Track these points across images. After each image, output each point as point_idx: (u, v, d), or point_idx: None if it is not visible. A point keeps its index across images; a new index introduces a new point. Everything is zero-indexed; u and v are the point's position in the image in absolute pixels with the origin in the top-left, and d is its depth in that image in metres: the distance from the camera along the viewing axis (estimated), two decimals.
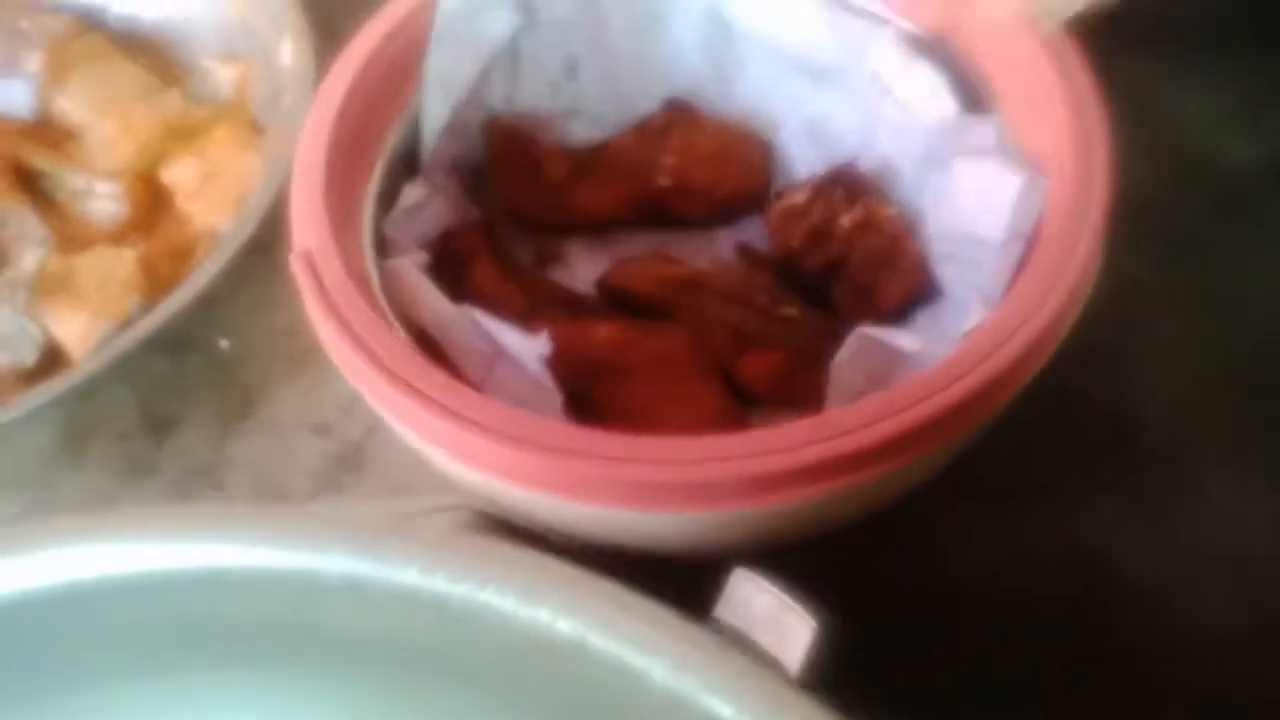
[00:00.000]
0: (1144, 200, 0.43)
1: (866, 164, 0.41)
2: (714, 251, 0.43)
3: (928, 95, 0.37)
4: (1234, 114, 0.48)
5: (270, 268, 0.38)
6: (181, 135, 0.52)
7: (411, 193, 0.38)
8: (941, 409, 0.27)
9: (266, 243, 0.41)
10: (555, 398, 0.31)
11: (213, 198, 0.51)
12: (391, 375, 0.29)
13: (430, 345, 0.32)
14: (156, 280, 0.48)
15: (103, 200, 0.51)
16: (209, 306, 0.45)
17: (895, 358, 0.32)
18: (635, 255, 0.42)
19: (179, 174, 0.52)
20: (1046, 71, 0.34)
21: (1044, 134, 0.34)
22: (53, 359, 0.46)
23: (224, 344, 0.48)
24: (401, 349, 0.30)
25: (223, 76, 0.55)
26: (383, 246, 0.36)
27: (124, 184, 0.51)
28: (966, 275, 0.35)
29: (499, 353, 0.31)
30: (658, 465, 0.27)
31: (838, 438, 0.27)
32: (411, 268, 0.33)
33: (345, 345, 0.30)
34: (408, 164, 0.39)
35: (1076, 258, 0.30)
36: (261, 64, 0.52)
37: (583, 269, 0.43)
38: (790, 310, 0.38)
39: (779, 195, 0.43)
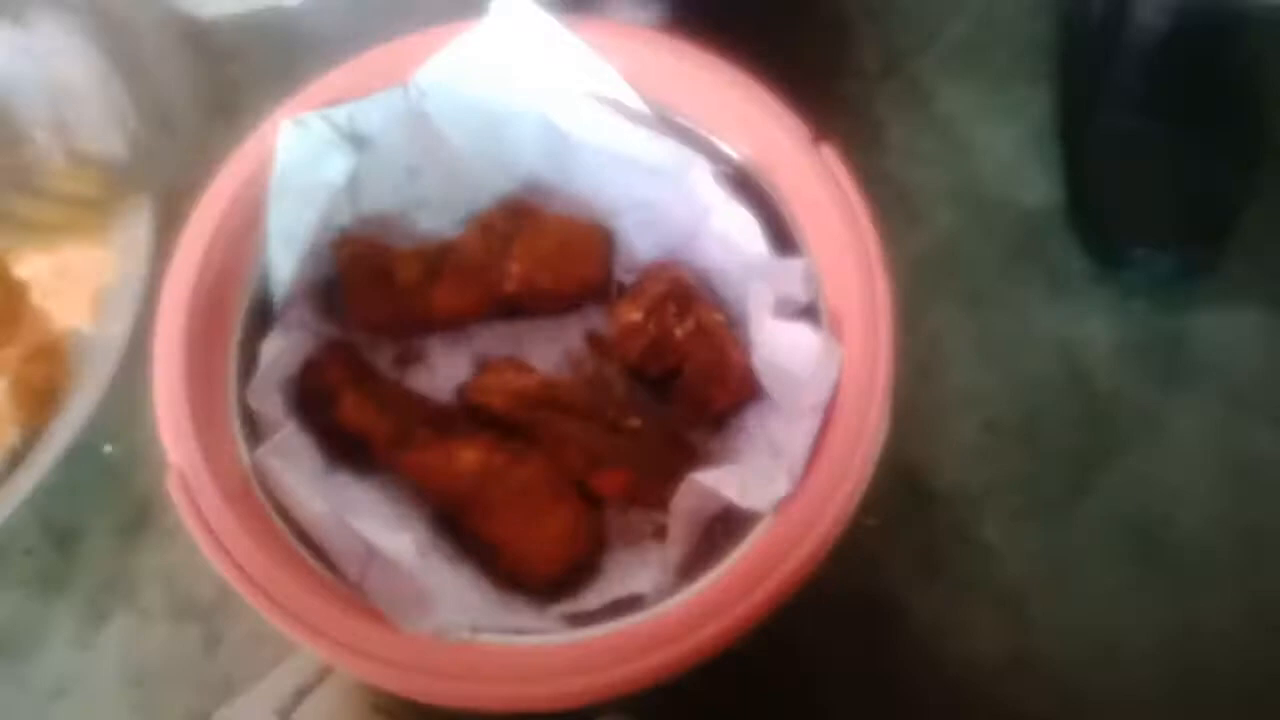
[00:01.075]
0: (946, 251, 0.48)
1: (699, 253, 0.45)
2: (566, 339, 0.46)
3: (740, 232, 0.40)
4: (1030, 148, 0.52)
5: (145, 370, 0.38)
6: (25, 230, 0.52)
7: (270, 348, 0.40)
8: (733, 621, 0.33)
9: (138, 344, 0.43)
10: (427, 595, 0.35)
11: (69, 295, 0.51)
12: (277, 607, 0.33)
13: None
14: (29, 397, 0.49)
15: None
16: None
17: (722, 500, 0.37)
18: (490, 356, 0.45)
19: (32, 269, 0.52)
20: (838, 225, 0.37)
21: (839, 290, 0.38)
22: None
23: (108, 449, 0.50)
24: (279, 574, 0.33)
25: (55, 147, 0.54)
26: (252, 423, 0.38)
27: None
28: (784, 397, 0.40)
29: (372, 552, 0.35)
30: (491, 684, 0.32)
31: (652, 650, 0.32)
32: (279, 463, 0.36)
33: (231, 574, 0.33)
34: (261, 318, 0.41)
35: (861, 448, 0.34)
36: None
37: (443, 367, 0.46)
38: (634, 422, 0.42)
39: (620, 290, 0.46)
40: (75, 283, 0.52)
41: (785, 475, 0.35)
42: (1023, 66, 0.53)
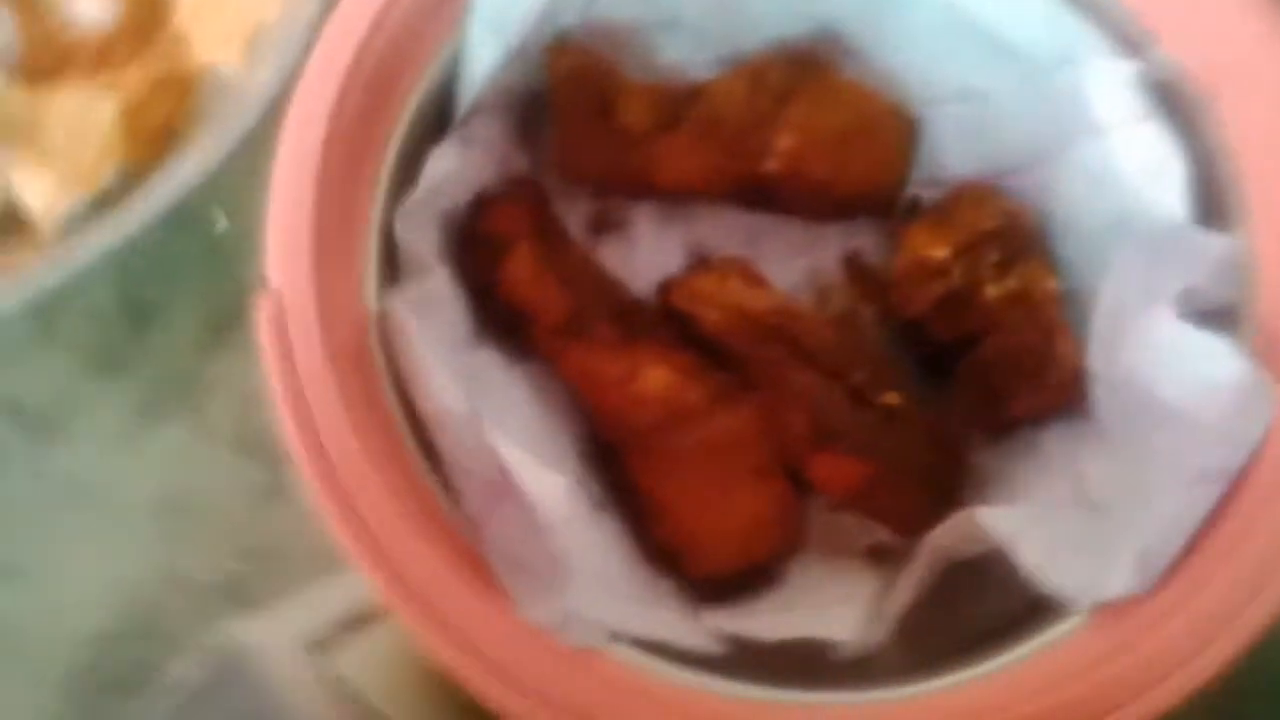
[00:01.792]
0: None
1: (1047, 186, 0.31)
2: (818, 254, 0.34)
3: (1147, 172, 0.27)
4: None
5: None
6: None
7: (438, 162, 0.29)
8: None
9: (286, 104, 0.33)
10: (562, 565, 0.24)
11: (218, 26, 0.41)
12: (352, 523, 0.22)
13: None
14: (140, 130, 0.40)
15: (89, 2, 0.42)
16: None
17: (1008, 559, 0.25)
18: (713, 251, 0.34)
19: None
20: None
21: None
22: (12, 218, 0.39)
23: (222, 223, 0.41)
24: (370, 477, 0.23)
25: None
26: (392, 258, 0.28)
27: None
28: (1127, 431, 0.27)
29: (507, 487, 0.24)
30: None
31: None
32: (414, 319, 0.26)
33: (305, 455, 0.23)
34: (437, 121, 0.29)
35: None
36: None
37: (649, 248, 0.34)
38: (892, 398, 0.30)
39: (913, 209, 0.33)
40: (228, 12, 0.41)
41: (1130, 568, 0.23)
42: None
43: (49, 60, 0.41)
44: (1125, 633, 0.23)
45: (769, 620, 0.28)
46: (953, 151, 0.33)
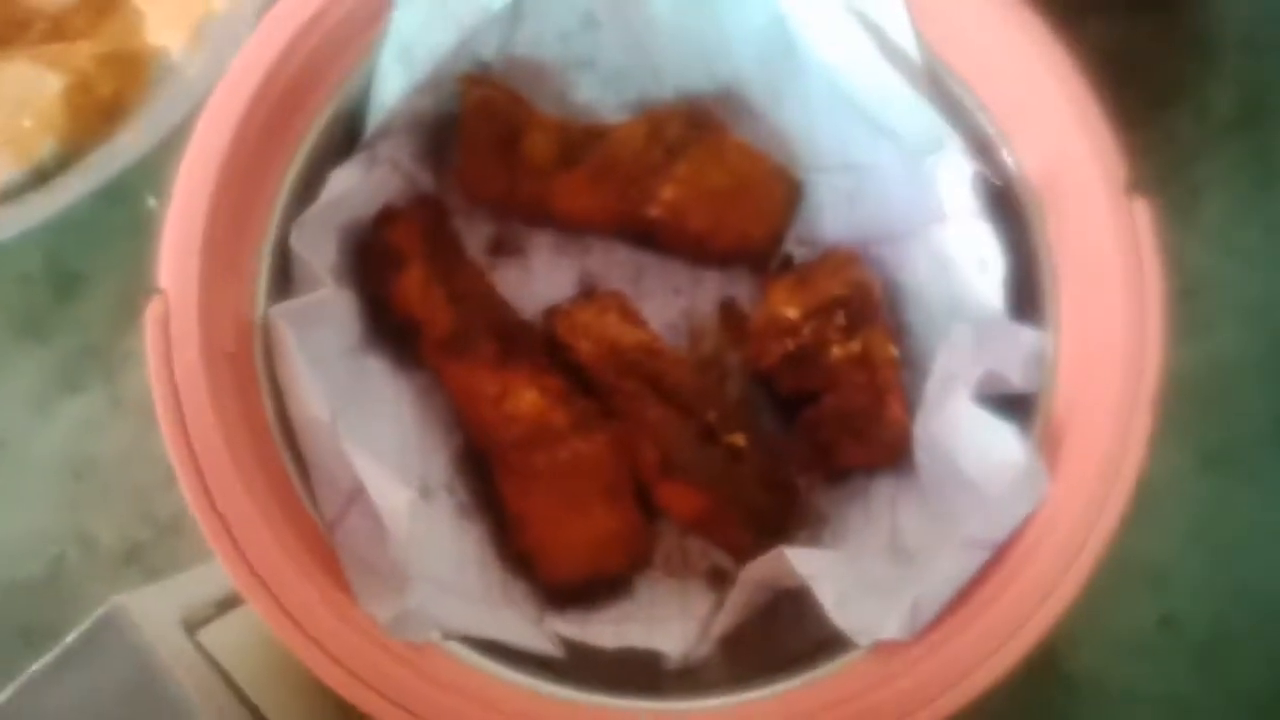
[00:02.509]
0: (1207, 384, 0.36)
1: (901, 260, 0.34)
2: (696, 297, 0.37)
3: (974, 263, 0.30)
4: None
5: None
6: None
7: (341, 177, 0.31)
8: None
9: None
10: (403, 574, 0.27)
11: (171, 6, 0.43)
12: (215, 518, 0.25)
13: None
14: (84, 106, 0.41)
15: None
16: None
17: (809, 595, 0.28)
18: (601, 283, 0.36)
19: None
20: (1117, 309, 0.27)
21: (1077, 396, 0.27)
22: None
23: (152, 202, 0.42)
24: (234, 477, 0.25)
25: None
26: (285, 271, 0.30)
27: None
28: (939, 493, 0.30)
29: (359, 494, 0.27)
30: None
31: None
32: (295, 333, 0.28)
33: (177, 452, 0.26)
34: (344, 140, 0.32)
35: (1030, 627, 0.24)
36: None
37: (542, 274, 0.37)
38: (738, 439, 0.32)
39: (786, 264, 0.36)
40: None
41: (902, 617, 0.26)
42: None
43: (3, 29, 0.42)
44: (894, 666, 0.26)
45: (608, 630, 0.31)
46: (829, 217, 0.36)
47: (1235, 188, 0.39)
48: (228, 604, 0.30)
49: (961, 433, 0.29)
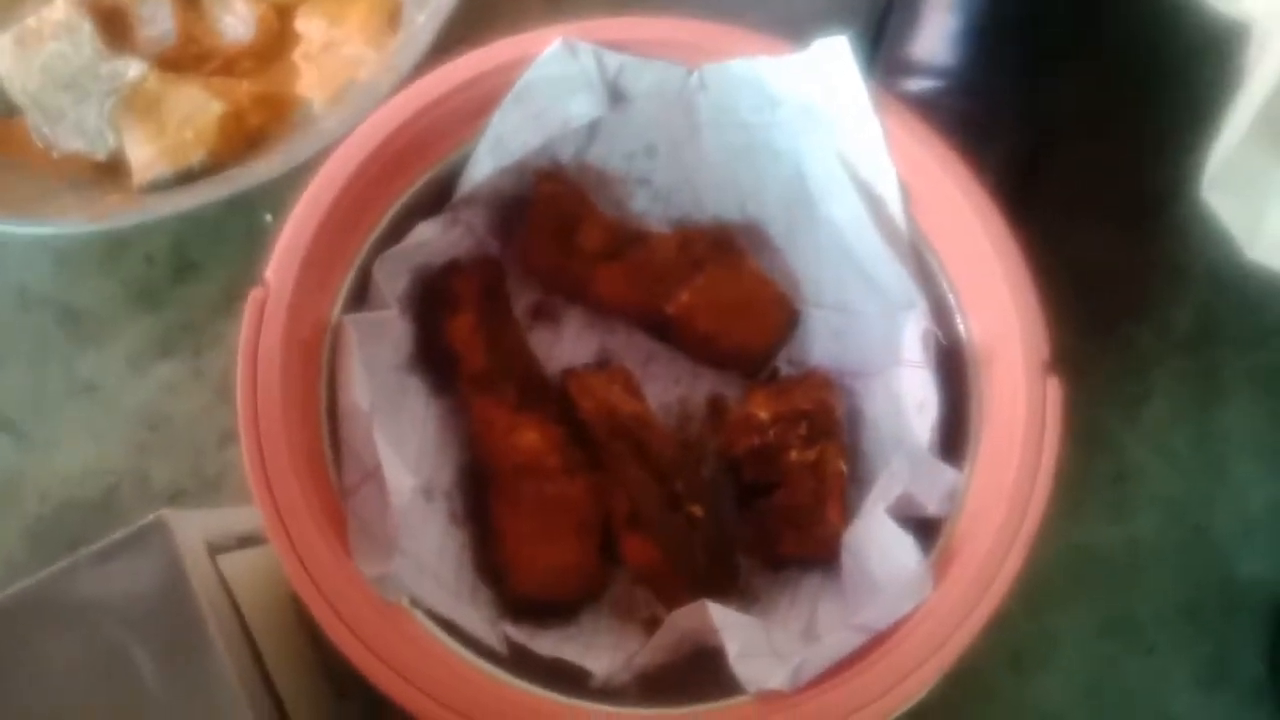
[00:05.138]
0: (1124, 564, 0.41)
1: (866, 392, 0.40)
2: (693, 388, 0.43)
3: (913, 407, 0.36)
4: None
5: None
6: None
7: (426, 229, 0.38)
8: None
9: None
10: (393, 544, 0.33)
11: (324, 69, 0.52)
12: (259, 464, 0.31)
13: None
14: (235, 133, 0.50)
15: (236, 19, 0.53)
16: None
17: (719, 648, 0.33)
18: (615, 359, 0.43)
19: (308, 27, 0.52)
20: (1012, 474, 0.32)
21: (972, 532, 0.32)
22: (116, 164, 0.50)
23: (268, 218, 0.50)
24: (282, 437, 0.32)
25: None
26: (363, 289, 0.37)
27: (260, 12, 0.52)
28: (851, 592, 0.35)
29: (375, 473, 0.33)
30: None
31: None
32: (357, 337, 0.35)
33: (243, 403, 0.32)
34: (434, 198, 0.39)
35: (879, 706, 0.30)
36: None
37: (571, 339, 0.43)
38: (697, 510, 0.38)
39: (773, 377, 0.42)
40: (334, 62, 0.52)
41: (787, 674, 0.31)
42: None
43: (187, 57, 0.52)
44: (774, 706, 0.31)
45: (549, 643, 0.36)
46: (816, 345, 0.42)
47: (1178, 398, 0.45)
48: (247, 541, 0.36)
49: (875, 539, 0.34)
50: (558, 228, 0.41)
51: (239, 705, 0.31)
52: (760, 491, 0.39)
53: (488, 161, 0.38)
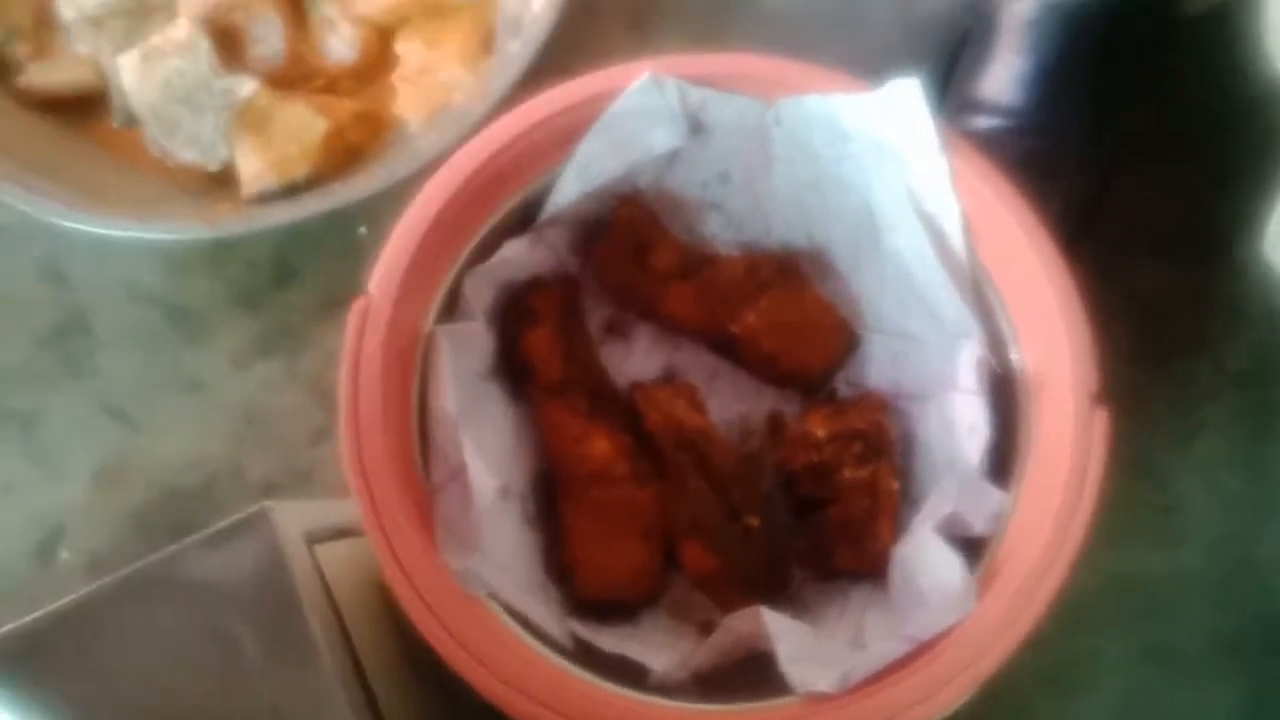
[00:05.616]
0: (1161, 594, 0.42)
1: (921, 415, 0.42)
2: (755, 404, 0.45)
3: (966, 431, 0.37)
4: None
5: None
6: (426, 11, 0.55)
7: (513, 247, 0.41)
8: None
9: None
10: (476, 539, 0.35)
11: (420, 91, 0.55)
12: (356, 459, 0.34)
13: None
14: (338, 149, 0.53)
15: (341, 41, 0.56)
16: None
17: (769, 652, 0.35)
18: (681, 374, 0.45)
19: (407, 50, 0.56)
20: (1056, 499, 0.34)
21: (1016, 552, 0.34)
22: (226, 175, 0.54)
23: (363, 230, 0.54)
24: (378, 436, 0.35)
25: None
26: (453, 302, 0.40)
27: (363, 34, 0.56)
28: (899, 605, 0.37)
29: (461, 472, 0.36)
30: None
31: None
32: (449, 346, 0.38)
33: (345, 400, 0.35)
34: (521, 219, 0.42)
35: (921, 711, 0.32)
36: None
37: (641, 354, 0.46)
38: (754, 521, 0.40)
39: (831, 397, 0.44)
40: (430, 84, 0.56)
41: (835, 678, 0.33)
42: None
43: (294, 75, 0.55)
44: (821, 709, 0.33)
45: (611, 640, 0.39)
46: (874, 369, 0.44)
47: (1230, 434, 0.46)
48: (341, 533, 0.39)
49: (923, 556, 0.36)
50: (633, 249, 0.44)
51: (332, 684, 0.33)
52: (815, 506, 0.41)
53: (573, 186, 0.41)
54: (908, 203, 0.40)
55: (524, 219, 0.42)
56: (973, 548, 0.36)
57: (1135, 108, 0.48)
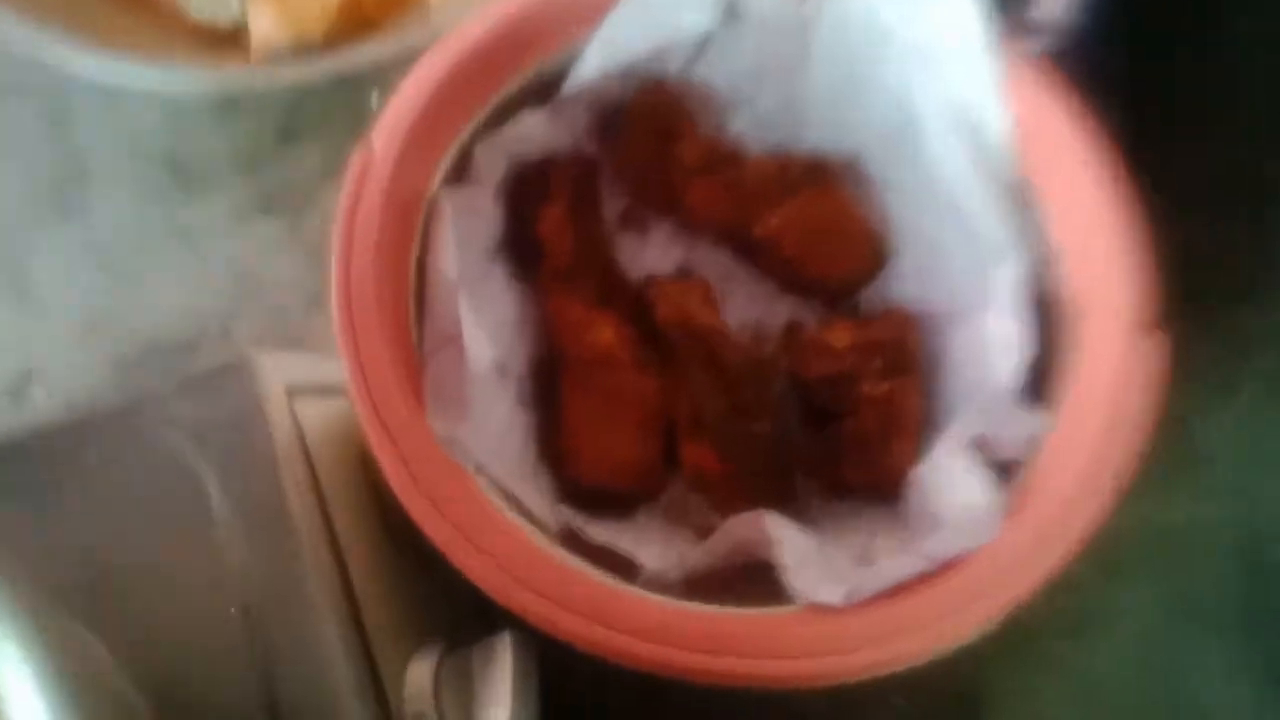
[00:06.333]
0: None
1: (949, 335, 0.40)
2: (771, 310, 0.43)
3: (1001, 352, 0.35)
4: None
5: None
6: None
7: (530, 120, 0.39)
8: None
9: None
10: (466, 409, 0.33)
11: None
12: (347, 322, 0.32)
13: None
14: (353, 13, 0.51)
15: None
16: None
17: (769, 562, 0.33)
18: (696, 272, 0.43)
19: None
20: (1097, 425, 0.32)
21: (1047, 485, 0.32)
22: (237, 34, 0.51)
23: (375, 99, 0.51)
24: (371, 297, 0.33)
25: None
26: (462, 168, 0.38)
27: None
28: (913, 526, 0.35)
29: (456, 339, 0.34)
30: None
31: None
32: (452, 210, 0.35)
33: (337, 256, 0.33)
34: (539, 92, 0.39)
35: (937, 627, 0.30)
36: None
37: (657, 250, 0.44)
38: (762, 426, 0.38)
39: (853, 311, 0.42)
40: None
41: (841, 591, 0.31)
42: None
43: None
44: (823, 620, 0.31)
45: (602, 531, 0.37)
46: (903, 282, 0.41)
47: (1275, 388, 0.43)
48: (325, 390, 0.37)
49: (945, 477, 0.34)
50: (657, 138, 0.41)
51: (298, 541, 0.32)
52: (829, 419, 0.39)
53: (595, 62, 0.38)
54: (950, 110, 0.38)
55: (543, 92, 0.40)
56: (1001, 473, 0.34)
57: (1189, 53, 0.46)
